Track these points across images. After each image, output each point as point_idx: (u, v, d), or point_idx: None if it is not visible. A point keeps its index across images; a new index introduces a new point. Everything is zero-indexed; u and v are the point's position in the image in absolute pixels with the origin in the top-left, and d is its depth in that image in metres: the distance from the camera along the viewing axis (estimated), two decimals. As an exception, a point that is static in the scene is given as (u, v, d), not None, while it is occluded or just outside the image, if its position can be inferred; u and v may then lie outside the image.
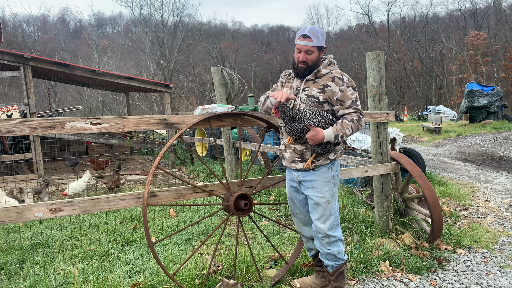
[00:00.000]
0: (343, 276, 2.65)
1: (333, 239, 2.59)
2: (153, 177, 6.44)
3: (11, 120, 2.21)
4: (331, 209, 2.58)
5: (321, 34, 2.54)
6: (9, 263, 3.35)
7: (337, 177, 2.65)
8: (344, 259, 2.64)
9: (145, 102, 36.58)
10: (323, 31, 2.58)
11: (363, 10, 59.56)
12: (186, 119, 2.69)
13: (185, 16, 46.19)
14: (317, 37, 2.50)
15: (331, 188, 2.60)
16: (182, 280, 2.78)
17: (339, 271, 2.63)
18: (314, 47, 2.51)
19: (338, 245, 2.61)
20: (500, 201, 5.47)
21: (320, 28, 2.58)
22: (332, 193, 2.60)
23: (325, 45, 2.59)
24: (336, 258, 2.60)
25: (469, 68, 37.36)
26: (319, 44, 2.52)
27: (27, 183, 7.46)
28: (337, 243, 2.60)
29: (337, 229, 2.62)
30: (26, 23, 51.55)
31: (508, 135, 12.77)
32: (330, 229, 2.57)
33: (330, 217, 2.57)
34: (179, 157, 10.44)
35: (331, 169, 2.61)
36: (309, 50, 2.51)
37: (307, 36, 2.48)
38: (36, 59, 8.45)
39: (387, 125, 3.83)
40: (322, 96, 2.52)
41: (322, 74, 2.55)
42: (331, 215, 2.57)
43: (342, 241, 2.65)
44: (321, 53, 2.56)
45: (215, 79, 6.62)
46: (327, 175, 2.59)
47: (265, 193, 5.57)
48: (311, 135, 2.43)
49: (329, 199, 2.57)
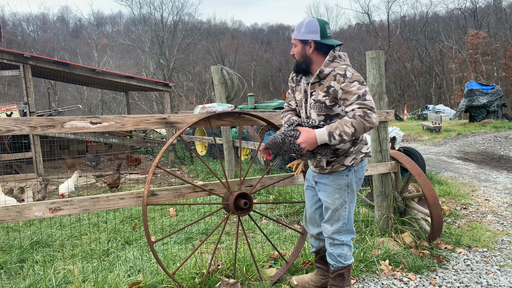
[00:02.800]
0: (342, 278, 2.59)
1: (337, 242, 2.52)
2: (153, 176, 6.43)
3: (11, 119, 2.21)
4: (339, 216, 2.48)
5: (305, 26, 2.33)
6: (9, 262, 3.35)
7: (354, 184, 2.47)
8: (344, 264, 2.54)
9: (145, 101, 36.59)
10: (314, 23, 2.33)
11: (363, 9, 59.60)
12: (186, 118, 2.69)
13: (184, 15, 46.18)
14: (298, 29, 2.36)
15: (343, 195, 2.45)
16: (182, 279, 2.78)
17: (338, 272, 2.59)
18: (295, 40, 2.39)
19: (342, 249, 2.53)
20: (500, 200, 5.47)
21: (317, 20, 2.36)
22: (343, 201, 2.45)
23: (311, 39, 2.33)
24: (336, 260, 2.55)
25: (469, 67, 37.35)
26: (299, 37, 2.35)
27: (27, 182, 7.46)
28: (341, 246, 2.53)
29: (345, 234, 2.52)
30: (26, 22, 51.53)
31: (508, 134, 12.77)
32: (335, 233, 2.51)
33: (337, 222, 2.49)
34: (179, 156, 10.44)
35: (347, 175, 2.43)
36: (293, 43, 2.42)
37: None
38: (35, 58, 8.44)
39: (387, 124, 3.83)
40: (328, 99, 2.32)
41: (326, 74, 2.33)
42: (339, 220, 2.48)
43: (348, 246, 2.55)
44: (306, 47, 2.36)
45: (215, 78, 6.62)
46: (340, 182, 2.44)
47: (265, 192, 5.57)
48: (303, 137, 2.21)
49: (338, 207, 2.46)
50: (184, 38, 41.88)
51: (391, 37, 44.14)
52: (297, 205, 4.86)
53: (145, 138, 11.50)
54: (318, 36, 2.32)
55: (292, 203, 4.77)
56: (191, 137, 9.88)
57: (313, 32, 2.32)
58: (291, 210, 4.86)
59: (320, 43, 2.34)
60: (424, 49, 43.41)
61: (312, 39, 2.33)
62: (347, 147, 2.41)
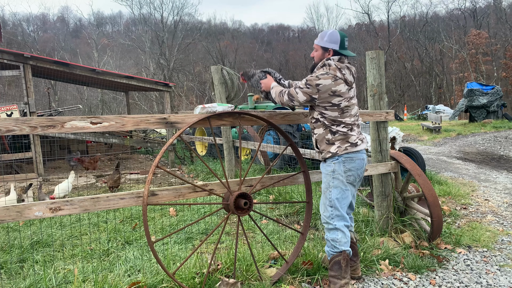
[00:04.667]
0: (339, 266, 2.73)
1: (330, 226, 2.79)
2: (153, 176, 6.44)
3: (11, 119, 2.21)
4: (326, 199, 2.82)
5: (328, 36, 2.76)
6: (9, 262, 3.36)
7: (340, 173, 2.77)
8: (339, 249, 2.74)
9: (145, 101, 36.60)
10: (336, 35, 2.76)
11: (363, 9, 59.54)
12: (186, 118, 2.69)
13: (184, 15, 46.07)
14: (321, 37, 2.81)
15: (328, 180, 2.81)
16: (182, 279, 2.78)
17: (334, 260, 2.75)
18: (317, 45, 2.83)
19: (336, 234, 2.76)
20: (500, 200, 5.47)
21: (339, 33, 2.77)
22: (327, 185, 2.82)
23: (331, 48, 2.76)
24: (331, 245, 2.77)
25: (469, 67, 37.35)
26: (321, 44, 2.80)
27: (27, 182, 7.47)
28: (334, 231, 2.77)
29: (337, 219, 2.78)
30: (26, 22, 51.48)
31: (508, 134, 12.76)
32: (328, 217, 2.80)
33: (327, 207, 2.80)
34: (179, 156, 10.44)
35: (333, 163, 2.78)
36: (314, 48, 2.87)
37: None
38: (36, 58, 8.45)
39: (387, 124, 3.83)
40: None
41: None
42: (326, 204, 2.81)
43: (342, 232, 2.77)
44: (325, 53, 2.79)
45: (215, 78, 6.62)
46: (328, 168, 2.82)
47: (265, 192, 5.57)
48: (264, 81, 3.01)
49: (324, 190, 2.84)
50: (184, 38, 41.89)
51: (391, 37, 44.13)
52: (297, 205, 4.86)
53: (145, 138, 11.51)
54: (337, 46, 2.77)
55: (292, 203, 4.77)
56: (191, 137, 9.88)
57: (334, 42, 2.77)
58: (291, 210, 4.86)
59: (338, 52, 2.77)
60: (424, 49, 43.40)
61: (332, 48, 2.77)
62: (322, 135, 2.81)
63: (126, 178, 7.90)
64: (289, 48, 55.14)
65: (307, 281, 2.94)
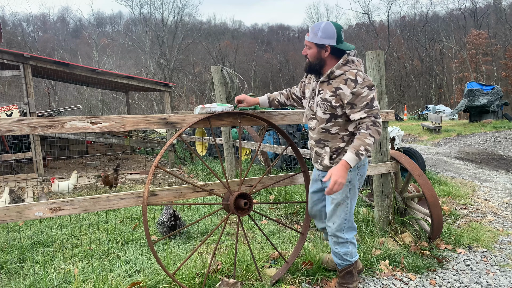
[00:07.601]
0: (351, 275, 2.67)
1: (341, 240, 2.61)
2: (153, 176, 6.44)
3: (11, 119, 2.21)
4: (341, 212, 2.56)
5: (322, 31, 2.39)
6: (9, 262, 3.36)
7: (356, 181, 2.55)
8: (351, 261, 2.63)
9: (145, 101, 36.60)
10: (331, 29, 2.40)
11: (363, 9, 59.57)
12: (186, 118, 2.69)
13: (185, 15, 46.11)
14: (314, 33, 2.42)
15: (345, 191, 2.52)
16: (182, 279, 2.78)
17: (346, 270, 2.67)
18: (310, 43, 2.46)
19: (347, 247, 2.61)
20: (500, 200, 5.47)
21: (333, 25, 2.42)
22: (345, 196, 2.54)
23: (328, 44, 2.41)
24: (343, 258, 2.63)
25: (469, 67, 37.34)
26: (315, 41, 2.43)
27: (27, 182, 7.47)
28: (345, 244, 2.61)
29: (348, 231, 2.60)
30: (26, 22, 51.54)
31: (508, 134, 12.76)
32: (338, 230, 2.59)
33: (339, 219, 2.57)
34: (179, 156, 10.44)
35: (350, 172, 2.50)
36: (306, 45, 2.50)
37: (308, 31, 2.49)
38: (36, 58, 8.45)
39: (387, 124, 3.83)
40: (334, 99, 2.43)
41: (336, 75, 2.44)
42: (340, 217, 2.56)
43: (352, 244, 2.63)
44: (321, 51, 2.44)
45: (215, 78, 6.62)
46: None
47: (265, 192, 5.57)
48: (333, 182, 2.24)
49: (340, 202, 2.55)
50: (185, 38, 41.89)
51: (391, 37, 44.13)
52: (297, 205, 4.86)
53: (145, 138, 11.51)
54: (334, 41, 2.41)
55: (292, 203, 4.77)
56: (191, 137, 9.88)
57: (330, 38, 2.40)
58: (291, 210, 4.86)
59: (336, 47, 2.43)
60: (424, 49, 43.42)
61: (329, 44, 2.41)
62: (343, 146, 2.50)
63: (126, 178, 7.90)
64: (289, 48, 55.12)
65: (307, 281, 2.94)
